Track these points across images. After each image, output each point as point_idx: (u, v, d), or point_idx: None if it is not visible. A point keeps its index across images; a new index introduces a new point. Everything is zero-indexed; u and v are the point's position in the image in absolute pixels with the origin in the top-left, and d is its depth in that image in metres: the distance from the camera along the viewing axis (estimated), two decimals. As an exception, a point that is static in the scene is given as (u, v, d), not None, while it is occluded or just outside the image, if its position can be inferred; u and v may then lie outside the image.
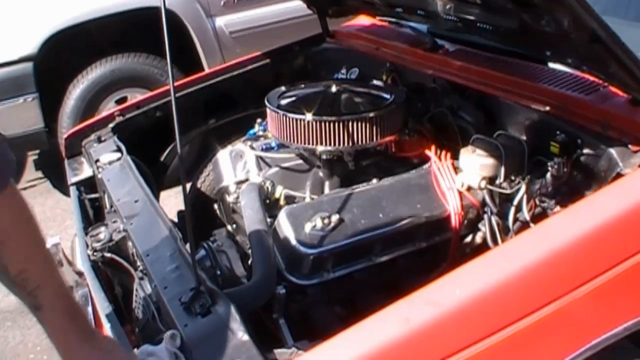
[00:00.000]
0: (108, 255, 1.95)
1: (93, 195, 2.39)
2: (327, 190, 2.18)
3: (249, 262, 1.88)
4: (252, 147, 2.34)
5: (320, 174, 2.21)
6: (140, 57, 4.37)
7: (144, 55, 4.37)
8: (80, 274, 1.96)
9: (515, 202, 1.90)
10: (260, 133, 2.48)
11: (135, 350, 1.46)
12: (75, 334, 1.26)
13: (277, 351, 1.55)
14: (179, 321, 1.46)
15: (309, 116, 2.06)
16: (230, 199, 2.27)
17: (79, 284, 1.95)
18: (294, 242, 1.81)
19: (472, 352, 1.33)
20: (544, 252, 1.45)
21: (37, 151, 5.03)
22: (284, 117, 2.11)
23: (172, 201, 3.19)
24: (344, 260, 1.86)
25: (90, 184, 2.40)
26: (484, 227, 1.96)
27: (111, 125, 2.57)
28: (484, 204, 1.97)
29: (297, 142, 2.10)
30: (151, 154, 2.65)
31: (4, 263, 1.18)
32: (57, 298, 1.24)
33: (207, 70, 3.66)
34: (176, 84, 2.58)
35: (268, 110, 2.23)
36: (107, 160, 2.30)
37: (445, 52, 2.45)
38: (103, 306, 1.72)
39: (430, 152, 2.11)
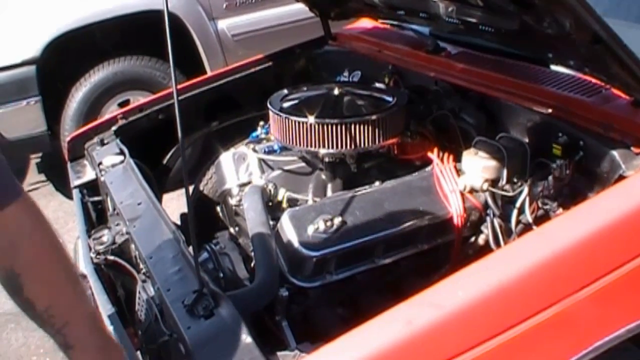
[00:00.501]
0: (111, 257, 1.96)
1: (96, 198, 2.39)
2: (329, 192, 2.18)
3: (252, 264, 1.88)
4: (254, 150, 2.34)
5: (323, 176, 2.21)
6: (142, 60, 4.38)
7: (147, 58, 4.38)
8: (83, 276, 1.96)
9: (518, 204, 1.90)
10: (263, 136, 2.49)
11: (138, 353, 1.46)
12: None
13: (279, 353, 1.55)
14: (182, 323, 1.47)
15: (311, 119, 2.06)
16: (232, 201, 2.28)
17: (82, 286, 1.95)
18: (296, 244, 1.81)
19: (475, 354, 1.33)
20: (546, 254, 1.44)
21: (40, 154, 5.04)
22: (287, 120, 2.11)
23: (175, 204, 3.19)
24: (346, 262, 1.86)
25: (93, 187, 2.40)
26: (486, 230, 1.96)
27: (114, 128, 2.57)
28: (486, 206, 1.97)
29: (300, 144, 2.11)
30: (153, 157, 2.65)
31: (28, 297, 1.06)
32: (89, 336, 1.12)
33: (209, 73, 3.66)
34: (179, 86, 2.59)
35: (270, 113, 2.23)
36: (110, 163, 2.31)
37: (447, 54, 2.46)
38: (106, 309, 1.72)
39: (433, 155, 2.11)
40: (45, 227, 1.08)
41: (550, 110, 1.93)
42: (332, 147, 2.07)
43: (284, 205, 2.09)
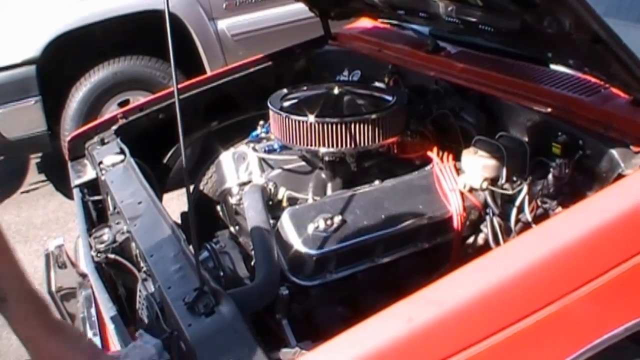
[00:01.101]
0: (111, 256, 1.96)
1: (96, 197, 2.39)
2: (329, 191, 2.18)
3: (252, 263, 1.89)
4: (254, 149, 2.35)
5: (323, 175, 2.22)
6: (142, 60, 4.39)
7: (147, 58, 4.38)
8: (83, 275, 1.97)
9: (517, 203, 1.91)
10: (263, 135, 2.49)
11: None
12: (42, 326, 1.22)
13: (280, 351, 1.56)
14: (183, 321, 1.47)
15: (311, 118, 2.07)
16: (233, 200, 2.28)
17: (83, 285, 1.95)
18: (296, 243, 1.82)
19: (474, 352, 1.33)
20: (545, 252, 1.45)
21: (40, 154, 5.04)
22: (287, 119, 2.12)
23: (175, 203, 3.19)
24: (346, 261, 1.87)
25: (93, 186, 2.40)
26: (485, 228, 1.96)
27: (114, 127, 2.58)
28: (485, 205, 1.97)
29: (300, 143, 2.11)
30: (154, 156, 2.66)
31: None
32: (22, 288, 1.21)
33: (209, 73, 3.67)
34: (179, 86, 2.59)
35: (270, 112, 2.23)
36: (110, 162, 2.31)
37: (447, 54, 2.46)
38: (107, 307, 1.72)
39: (433, 154, 2.11)
40: None
41: (549, 110, 1.94)
42: (332, 146, 2.07)
43: (284, 204, 2.10)
